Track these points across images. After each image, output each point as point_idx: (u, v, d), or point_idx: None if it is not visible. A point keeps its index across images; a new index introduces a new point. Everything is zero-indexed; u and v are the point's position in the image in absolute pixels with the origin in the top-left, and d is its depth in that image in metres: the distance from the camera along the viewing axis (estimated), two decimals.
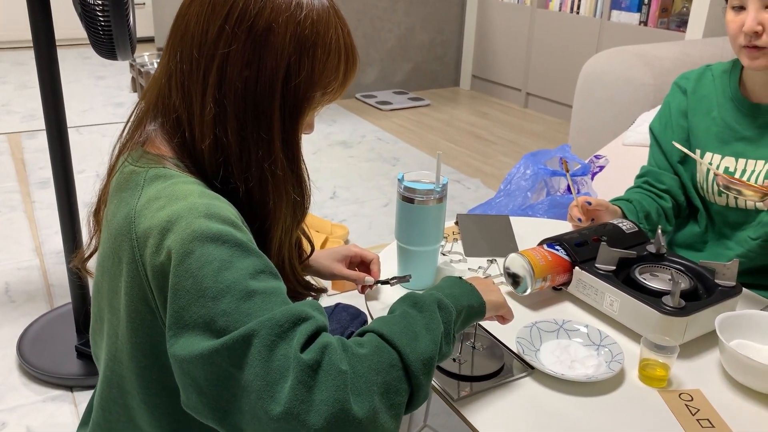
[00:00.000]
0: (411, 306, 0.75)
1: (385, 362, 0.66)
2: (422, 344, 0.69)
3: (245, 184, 0.77)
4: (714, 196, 1.31)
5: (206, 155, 0.76)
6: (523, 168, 1.87)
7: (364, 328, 0.72)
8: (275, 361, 0.62)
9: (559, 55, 4.03)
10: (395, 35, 4.50)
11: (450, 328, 0.76)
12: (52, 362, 1.73)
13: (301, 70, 0.75)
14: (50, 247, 2.38)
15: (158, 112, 0.79)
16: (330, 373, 0.62)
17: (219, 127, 0.75)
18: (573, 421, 0.84)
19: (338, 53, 0.77)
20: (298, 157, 0.80)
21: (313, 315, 0.66)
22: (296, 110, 0.77)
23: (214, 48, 0.74)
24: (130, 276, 0.71)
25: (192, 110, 0.76)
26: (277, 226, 0.80)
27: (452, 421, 1.55)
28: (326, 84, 0.78)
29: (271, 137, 0.76)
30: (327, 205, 2.81)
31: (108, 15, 1.42)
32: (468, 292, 0.83)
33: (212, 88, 0.74)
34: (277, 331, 0.63)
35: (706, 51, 2.47)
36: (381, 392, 0.64)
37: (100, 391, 0.81)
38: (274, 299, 0.66)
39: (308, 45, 0.75)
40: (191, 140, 0.77)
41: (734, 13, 1.18)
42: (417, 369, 0.67)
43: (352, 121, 3.95)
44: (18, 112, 3.81)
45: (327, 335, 0.66)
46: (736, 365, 0.92)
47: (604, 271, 1.06)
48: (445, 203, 1.08)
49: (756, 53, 1.16)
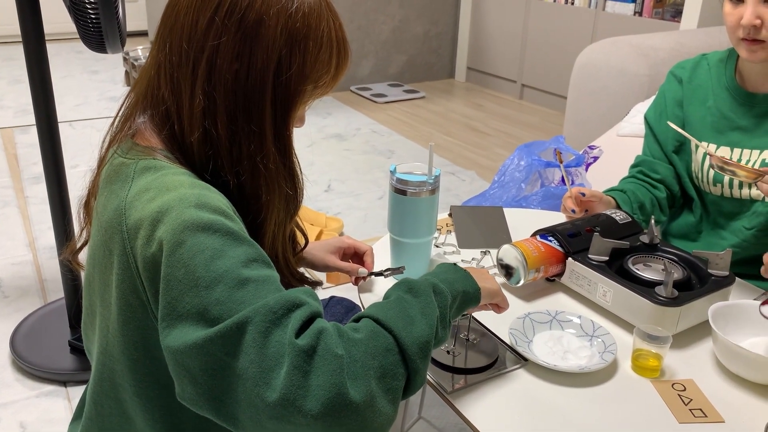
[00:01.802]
0: (406, 291, 0.75)
1: (381, 346, 0.65)
2: (418, 328, 0.69)
3: (236, 177, 0.76)
4: (709, 186, 1.30)
5: (195, 148, 0.75)
6: (517, 159, 1.87)
7: (359, 314, 0.71)
8: (270, 347, 0.61)
9: (554, 46, 4.02)
10: (390, 27, 4.48)
11: (445, 312, 0.76)
12: (45, 357, 1.73)
13: (292, 63, 0.74)
14: (43, 242, 2.37)
15: (147, 104, 0.79)
16: (326, 357, 0.61)
17: (208, 120, 0.74)
18: (566, 412, 0.84)
19: (330, 46, 0.77)
20: (289, 150, 0.80)
21: (307, 301, 0.66)
22: (287, 103, 0.76)
23: (203, 40, 0.73)
24: (121, 268, 0.70)
25: (181, 102, 0.75)
26: (270, 220, 0.80)
27: (446, 414, 1.55)
28: (318, 77, 0.77)
29: (262, 130, 0.75)
30: (322, 197, 2.81)
31: (97, 8, 1.40)
32: (463, 278, 0.83)
33: (201, 80, 0.73)
34: (271, 317, 0.62)
35: (701, 41, 2.47)
36: (378, 376, 0.64)
37: (93, 385, 0.81)
38: (267, 287, 0.65)
39: (299, 38, 0.74)
40: (180, 133, 0.76)
41: (732, 5, 1.17)
42: (413, 353, 0.67)
43: (346, 114, 3.93)
44: (11, 107, 3.78)
45: (322, 321, 0.65)
46: (728, 355, 0.92)
47: (597, 262, 1.06)
48: (437, 195, 1.07)
49: (755, 46, 1.16)
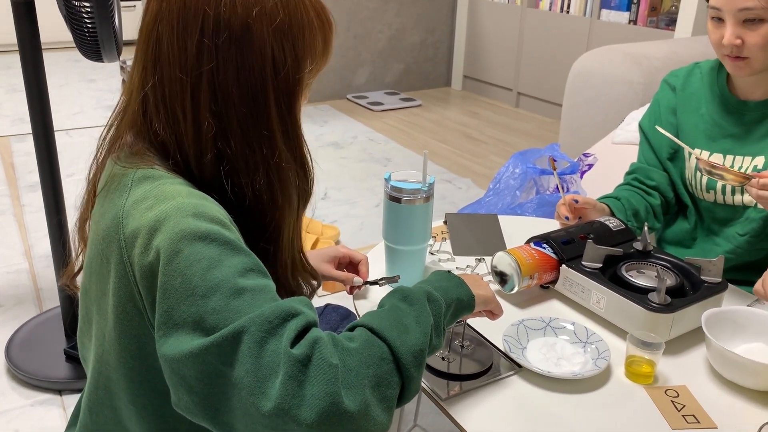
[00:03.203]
0: (400, 299, 0.75)
1: (375, 355, 0.65)
2: (412, 337, 0.69)
3: (252, 187, 0.76)
4: (702, 192, 1.31)
5: (207, 169, 0.75)
6: (512, 167, 1.87)
7: (353, 323, 0.71)
8: (265, 357, 0.61)
9: (550, 54, 4.04)
10: (386, 36, 4.50)
11: (440, 320, 0.76)
12: (40, 366, 1.72)
13: (286, 55, 0.74)
14: (39, 250, 2.37)
15: (139, 136, 0.77)
16: (320, 367, 0.61)
17: (221, 141, 0.74)
18: (560, 419, 0.84)
19: (312, 25, 0.76)
20: (300, 142, 0.79)
21: (302, 311, 0.66)
22: (291, 96, 0.76)
23: (198, 65, 0.72)
24: (118, 277, 0.70)
25: (180, 132, 0.74)
26: (288, 215, 0.80)
27: (442, 421, 1.54)
28: (312, 58, 0.77)
29: (272, 132, 0.75)
30: (319, 206, 2.81)
31: (93, 16, 1.41)
32: (457, 286, 0.83)
33: (206, 104, 0.73)
34: (266, 327, 0.62)
35: (694, 49, 2.49)
36: (372, 385, 0.64)
37: (88, 393, 0.81)
38: (263, 296, 0.66)
39: (285, 29, 0.74)
40: (185, 161, 0.75)
41: (713, 24, 1.18)
42: (408, 361, 0.67)
43: (343, 122, 3.95)
44: (7, 116, 3.79)
45: (317, 330, 0.66)
46: (722, 361, 0.92)
47: (591, 269, 1.06)
48: (432, 202, 1.08)
49: (739, 62, 1.17)
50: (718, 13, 1.15)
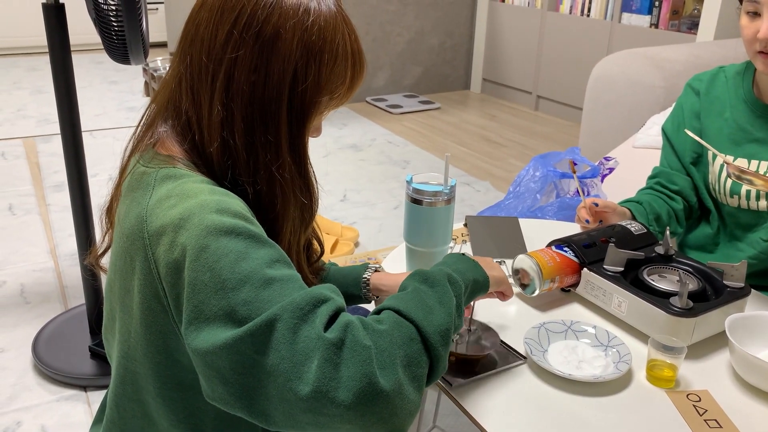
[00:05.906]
0: (422, 282, 0.77)
1: (405, 336, 0.68)
2: (437, 317, 0.72)
3: (253, 186, 0.78)
4: (726, 197, 1.30)
5: (215, 157, 0.77)
6: (532, 170, 1.87)
7: (379, 307, 0.73)
8: (299, 342, 0.63)
9: (570, 57, 4.02)
10: (405, 39, 4.51)
11: (460, 300, 0.79)
12: (66, 362, 1.76)
13: (308, 75, 0.76)
14: (64, 249, 2.41)
15: (168, 114, 0.81)
16: (355, 349, 0.63)
17: (226, 131, 0.76)
18: (581, 422, 0.85)
19: (345, 59, 0.78)
20: (305, 160, 0.81)
21: (331, 297, 0.68)
22: (303, 114, 0.78)
23: (222, 52, 0.75)
24: (143, 274, 0.72)
25: (201, 114, 0.77)
26: (286, 229, 0.81)
27: (461, 423, 1.55)
28: (333, 89, 0.79)
29: (278, 141, 0.77)
30: (337, 207, 2.83)
31: (121, 20, 1.44)
32: (473, 267, 0.87)
33: (220, 92, 0.75)
34: (298, 314, 0.64)
35: (717, 53, 2.47)
36: (404, 365, 0.66)
37: (114, 388, 0.82)
38: (292, 285, 0.67)
39: (315, 50, 0.75)
40: (201, 142, 0.78)
41: (749, 18, 1.17)
42: (435, 341, 0.69)
43: (362, 125, 3.96)
44: (33, 117, 3.86)
45: (347, 315, 0.68)
46: (746, 366, 0.92)
47: (612, 273, 1.06)
48: (453, 205, 1.08)
49: None
50: (756, 7, 1.15)
